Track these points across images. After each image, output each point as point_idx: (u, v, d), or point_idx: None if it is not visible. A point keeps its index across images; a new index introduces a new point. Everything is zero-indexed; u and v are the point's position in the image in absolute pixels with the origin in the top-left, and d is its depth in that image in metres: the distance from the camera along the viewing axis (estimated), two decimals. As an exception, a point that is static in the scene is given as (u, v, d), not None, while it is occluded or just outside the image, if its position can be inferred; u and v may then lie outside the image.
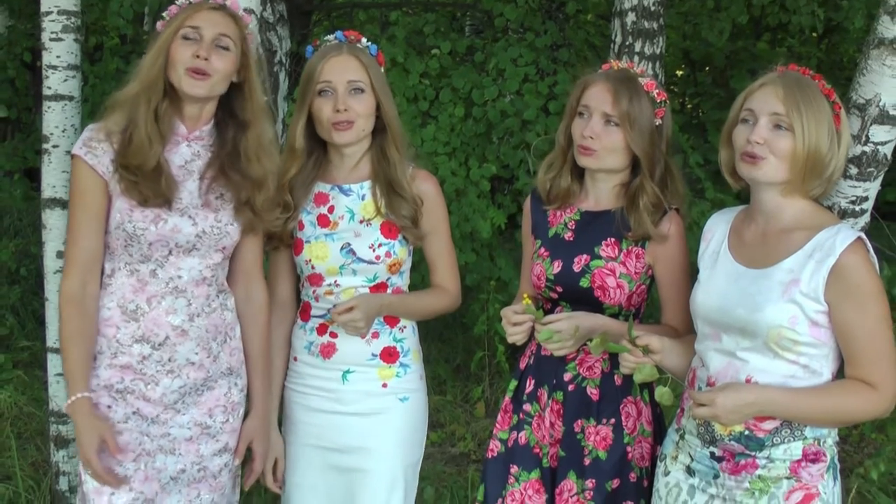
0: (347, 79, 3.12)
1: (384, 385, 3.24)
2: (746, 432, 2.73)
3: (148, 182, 2.92)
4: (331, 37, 3.25)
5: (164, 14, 3.06)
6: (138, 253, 2.97)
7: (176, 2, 3.05)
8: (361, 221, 3.20)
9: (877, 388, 2.66)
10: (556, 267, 3.18)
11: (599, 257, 3.14)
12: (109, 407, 2.98)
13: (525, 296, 3.13)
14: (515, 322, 3.06)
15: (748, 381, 2.72)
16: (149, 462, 3.02)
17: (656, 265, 3.16)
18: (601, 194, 3.22)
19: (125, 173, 2.92)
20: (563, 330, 3.00)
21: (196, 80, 2.94)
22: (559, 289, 3.18)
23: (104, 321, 2.99)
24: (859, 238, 2.67)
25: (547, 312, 3.22)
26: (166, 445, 3.05)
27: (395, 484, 3.21)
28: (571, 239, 3.21)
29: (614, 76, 3.17)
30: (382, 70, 3.25)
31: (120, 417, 2.99)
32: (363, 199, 3.21)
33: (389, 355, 3.25)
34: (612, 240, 3.15)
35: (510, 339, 3.08)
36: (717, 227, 2.96)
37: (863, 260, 2.65)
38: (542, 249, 3.24)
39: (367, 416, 3.23)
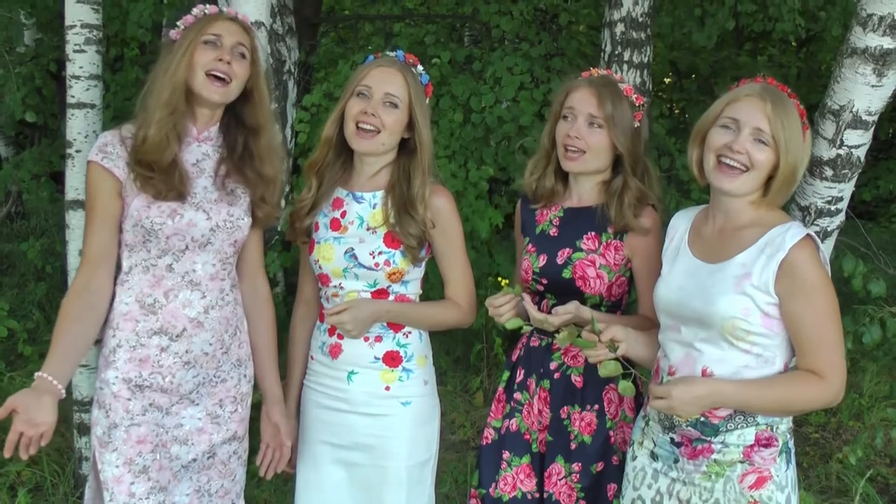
0: (386, 90, 3.10)
1: (387, 388, 3.19)
2: (702, 419, 2.75)
3: (162, 177, 2.93)
4: (392, 53, 3.24)
5: (178, 23, 3.06)
6: (156, 248, 2.97)
7: (192, 11, 3.05)
8: (368, 229, 3.16)
9: (824, 377, 2.67)
10: (542, 261, 3.21)
11: (581, 250, 3.17)
12: (129, 400, 2.97)
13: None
14: (498, 304, 3.08)
15: (704, 371, 2.73)
16: (163, 452, 3.02)
17: (634, 258, 3.18)
18: (584, 192, 3.25)
19: (140, 169, 2.92)
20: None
21: (215, 86, 2.97)
22: (544, 281, 3.21)
23: (123, 316, 2.99)
24: (808, 235, 2.69)
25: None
26: (180, 436, 3.05)
27: (398, 482, 3.18)
28: (556, 234, 3.24)
29: (597, 81, 3.21)
30: (427, 101, 3.21)
31: (138, 410, 2.98)
32: (374, 207, 3.17)
33: (392, 359, 3.19)
34: (593, 233, 3.18)
35: (501, 320, 3.08)
36: (680, 225, 2.98)
37: (810, 255, 2.66)
38: (530, 245, 3.28)
39: (372, 416, 3.19)
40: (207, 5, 3.08)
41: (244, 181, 3.11)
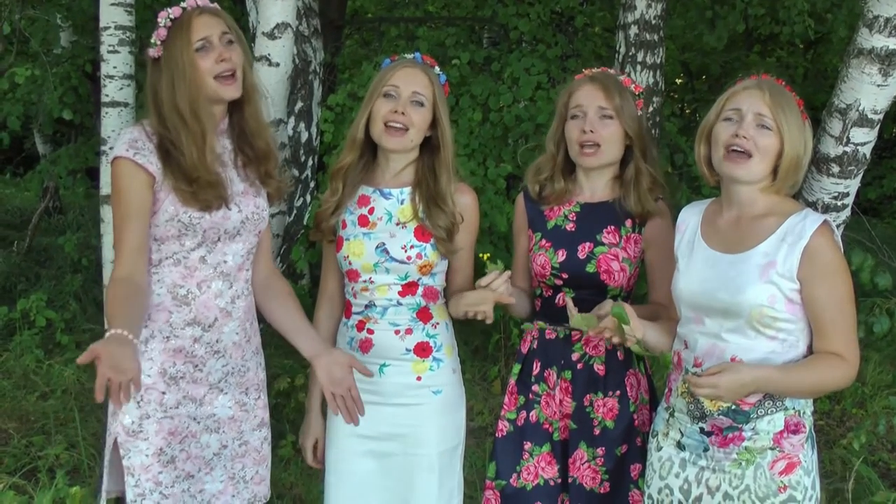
0: (413, 89, 3.09)
1: (418, 378, 3.16)
2: (733, 406, 2.74)
3: (209, 190, 2.86)
4: (409, 55, 3.24)
5: (153, 40, 2.88)
6: (191, 241, 2.89)
7: (159, 22, 2.89)
8: (398, 224, 3.14)
9: (845, 357, 2.70)
10: (561, 256, 3.18)
11: (602, 244, 3.15)
12: (164, 393, 2.90)
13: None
14: (485, 285, 2.96)
15: (733, 359, 2.72)
16: (192, 443, 2.96)
17: (649, 248, 3.18)
18: (597, 187, 3.23)
19: (182, 185, 2.82)
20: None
21: (228, 84, 2.89)
22: (564, 275, 3.17)
23: (155, 307, 2.90)
24: (825, 221, 2.71)
25: (548, 299, 3.24)
26: (211, 425, 3.00)
27: (430, 469, 3.16)
28: (573, 229, 3.20)
29: (598, 77, 3.21)
30: (446, 98, 3.21)
31: (172, 403, 2.91)
32: (402, 203, 3.15)
33: (423, 350, 3.17)
34: (612, 227, 3.16)
35: (495, 295, 2.96)
36: (690, 219, 2.96)
37: (829, 241, 2.69)
38: (543, 241, 3.23)
39: (403, 406, 3.17)
40: (170, 10, 2.89)
41: (249, 164, 3.02)
